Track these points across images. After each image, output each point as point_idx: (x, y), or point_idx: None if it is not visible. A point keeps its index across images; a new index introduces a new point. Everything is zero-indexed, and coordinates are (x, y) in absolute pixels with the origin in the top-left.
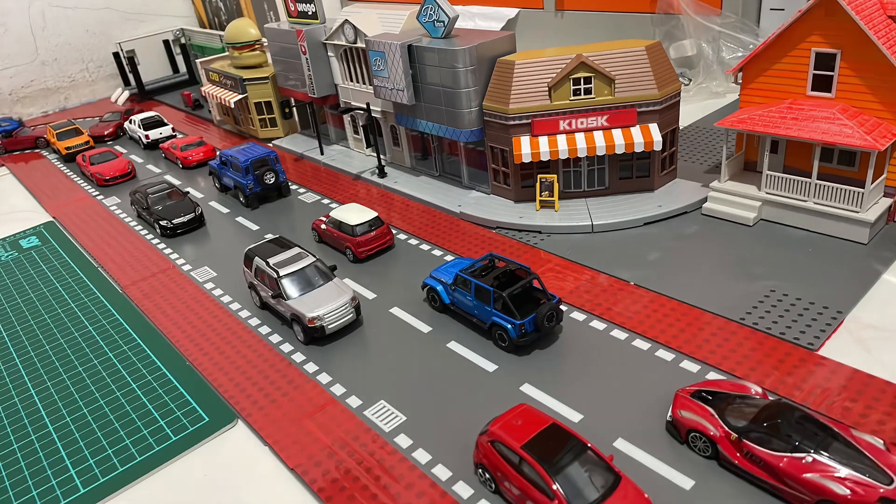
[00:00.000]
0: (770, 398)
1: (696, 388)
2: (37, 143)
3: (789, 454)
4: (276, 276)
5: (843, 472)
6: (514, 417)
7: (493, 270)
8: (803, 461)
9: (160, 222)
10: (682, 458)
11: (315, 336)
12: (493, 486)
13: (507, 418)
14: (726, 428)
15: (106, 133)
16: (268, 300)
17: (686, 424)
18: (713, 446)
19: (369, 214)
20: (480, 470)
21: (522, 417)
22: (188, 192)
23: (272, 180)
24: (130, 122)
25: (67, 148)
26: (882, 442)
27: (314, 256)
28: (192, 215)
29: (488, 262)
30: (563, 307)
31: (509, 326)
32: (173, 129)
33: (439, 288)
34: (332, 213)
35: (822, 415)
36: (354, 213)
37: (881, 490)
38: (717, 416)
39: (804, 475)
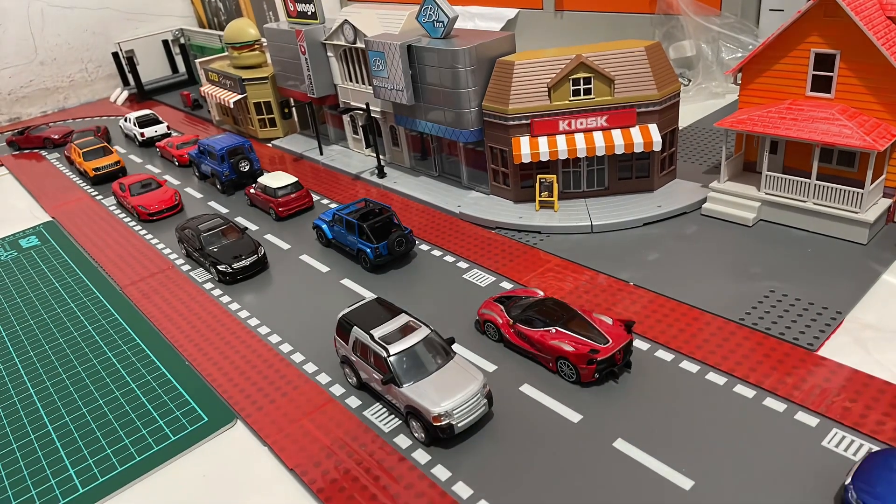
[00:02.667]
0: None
1: (500, 296)
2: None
3: (541, 329)
4: (384, 355)
5: (574, 337)
6: None
7: (363, 210)
8: (549, 333)
9: (218, 267)
10: (683, 458)
11: (441, 437)
12: None
13: None
14: (507, 317)
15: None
16: (372, 384)
17: (483, 318)
18: (499, 332)
19: (290, 179)
20: None
21: None
22: (246, 229)
23: (246, 168)
24: (126, 121)
25: (96, 169)
26: (612, 319)
27: (428, 326)
28: (254, 257)
29: (363, 205)
30: (414, 238)
31: (368, 250)
32: (168, 127)
33: (324, 226)
34: (259, 180)
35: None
36: (278, 179)
37: (596, 346)
38: (504, 311)
39: (549, 342)
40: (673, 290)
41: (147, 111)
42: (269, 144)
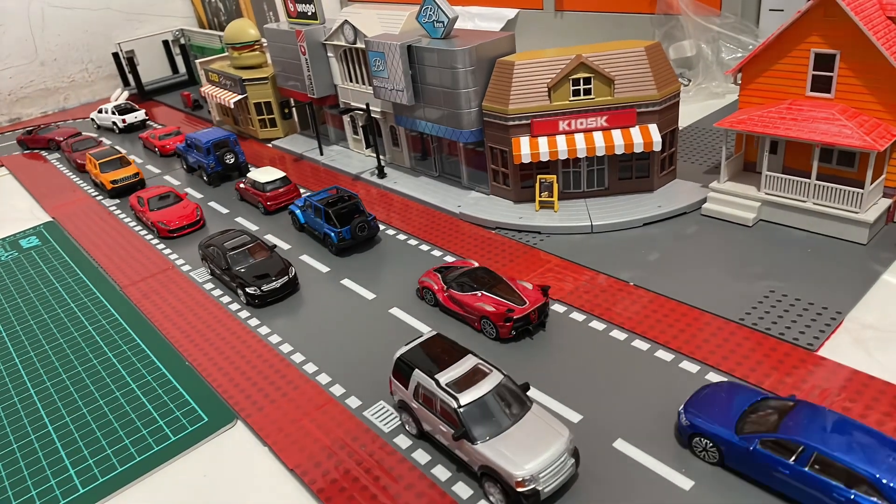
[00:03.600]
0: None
1: (439, 266)
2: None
3: (470, 293)
4: (454, 405)
5: (495, 299)
6: None
7: (332, 197)
8: (476, 296)
9: (247, 289)
10: (683, 458)
11: None
12: None
13: None
14: (442, 283)
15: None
16: (437, 436)
17: (423, 285)
18: (435, 297)
19: (278, 174)
20: None
21: None
22: (275, 246)
23: (232, 160)
24: (101, 112)
25: (114, 181)
26: (532, 285)
27: (500, 371)
28: (285, 279)
29: (335, 192)
30: (378, 224)
31: (332, 234)
32: (146, 114)
33: (298, 212)
34: (248, 175)
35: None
36: (266, 174)
37: (513, 306)
38: (440, 279)
39: (475, 304)
40: (673, 291)
41: (123, 101)
42: (270, 145)
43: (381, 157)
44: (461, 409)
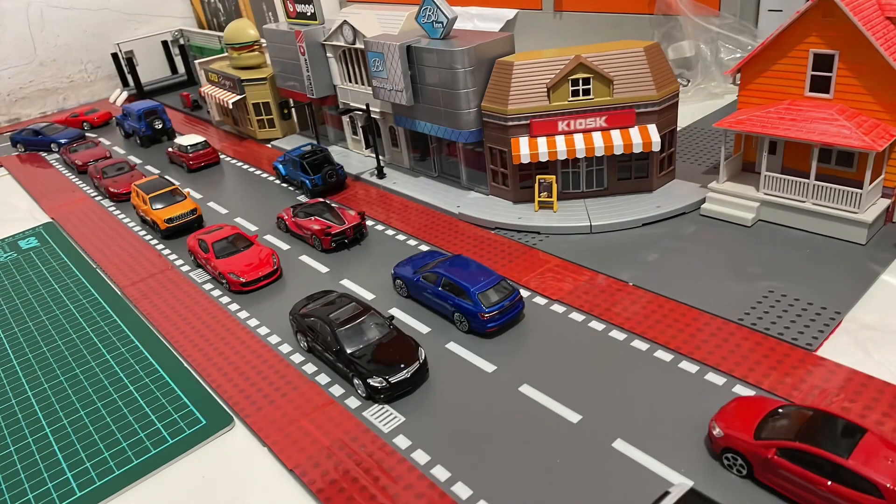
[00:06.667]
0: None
1: (295, 205)
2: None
3: (306, 219)
4: None
5: (321, 220)
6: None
7: (308, 151)
8: (310, 220)
9: (368, 381)
10: (682, 458)
11: None
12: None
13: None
14: (291, 214)
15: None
16: None
17: (279, 217)
18: (285, 224)
19: (200, 139)
20: None
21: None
22: (392, 317)
23: (160, 126)
24: None
25: (169, 220)
26: (354, 212)
27: None
28: (416, 365)
29: (309, 148)
30: (346, 173)
31: (307, 181)
32: None
33: (280, 166)
34: (175, 140)
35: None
36: (190, 139)
37: (332, 225)
38: (291, 212)
39: (308, 225)
40: (672, 291)
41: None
42: (269, 145)
43: (381, 157)
44: None
